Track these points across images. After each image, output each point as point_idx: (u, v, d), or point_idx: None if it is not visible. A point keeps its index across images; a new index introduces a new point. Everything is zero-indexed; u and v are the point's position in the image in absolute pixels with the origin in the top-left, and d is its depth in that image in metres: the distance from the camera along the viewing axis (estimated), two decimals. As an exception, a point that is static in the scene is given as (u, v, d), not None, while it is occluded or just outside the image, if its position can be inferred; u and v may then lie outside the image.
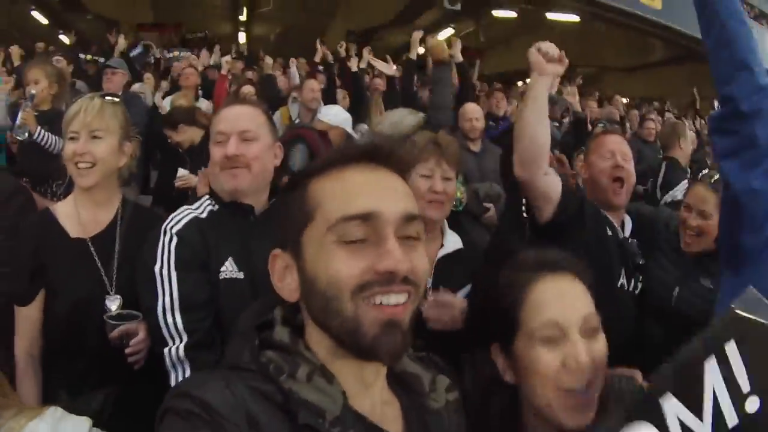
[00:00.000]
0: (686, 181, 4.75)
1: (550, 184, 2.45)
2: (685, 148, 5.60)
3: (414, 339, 1.12)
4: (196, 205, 2.14)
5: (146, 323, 2.05)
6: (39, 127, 4.16)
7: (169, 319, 1.94)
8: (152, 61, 10.98)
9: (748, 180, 1.87)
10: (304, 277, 1.05)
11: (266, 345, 1.07)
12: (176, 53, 12.71)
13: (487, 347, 1.42)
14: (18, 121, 4.14)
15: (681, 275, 2.77)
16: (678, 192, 4.58)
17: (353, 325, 0.99)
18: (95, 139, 2.21)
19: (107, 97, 2.37)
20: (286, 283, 1.09)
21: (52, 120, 4.18)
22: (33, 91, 4.28)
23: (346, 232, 1.00)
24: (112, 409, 2.09)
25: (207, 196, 2.16)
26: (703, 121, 10.40)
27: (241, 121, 2.09)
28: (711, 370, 0.98)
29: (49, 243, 2.19)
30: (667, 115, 11.55)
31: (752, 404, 0.95)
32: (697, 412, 0.97)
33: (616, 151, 2.83)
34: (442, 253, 2.35)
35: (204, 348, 1.93)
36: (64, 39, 11.99)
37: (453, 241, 2.40)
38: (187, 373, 1.92)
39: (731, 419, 0.95)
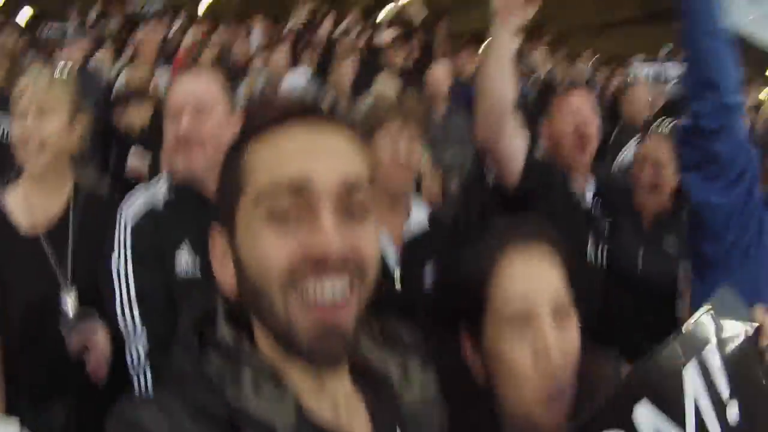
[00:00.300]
0: (635, 138, 4.40)
1: (515, 148, 2.27)
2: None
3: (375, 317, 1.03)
4: (153, 188, 2.02)
5: (104, 325, 1.97)
6: None
7: (126, 315, 1.87)
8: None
9: (708, 194, 1.97)
10: (237, 264, 0.90)
11: (207, 345, 0.93)
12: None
13: (454, 336, 1.27)
14: None
15: (643, 240, 2.78)
16: (628, 152, 4.36)
17: (285, 327, 0.85)
18: (42, 115, 2.05)
19: (56, 68, 2.23)
20: (223, 267, 0.93)
21: (3, 103, 4.02)
22: None
23: (274, 204, 0.85)
24: (77, 421, 2.01)
25: (164, 178, 2.04)
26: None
27: (194, 95, 1.96)
28: (691, 375, 0.95)
29: None
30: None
31: (732, 411, 0.94)
32: (678, 421, 0.94)
33: (579, 109, 2.74)
34: (410, 226, 2.22)
35: (166, 350, 1.86)
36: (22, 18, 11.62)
37: (419, 211, 2.29)
38: (149, 381, 1.85)
39: (714, 428, 0.93)
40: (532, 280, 1.19)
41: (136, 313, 1.88)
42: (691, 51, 1.97)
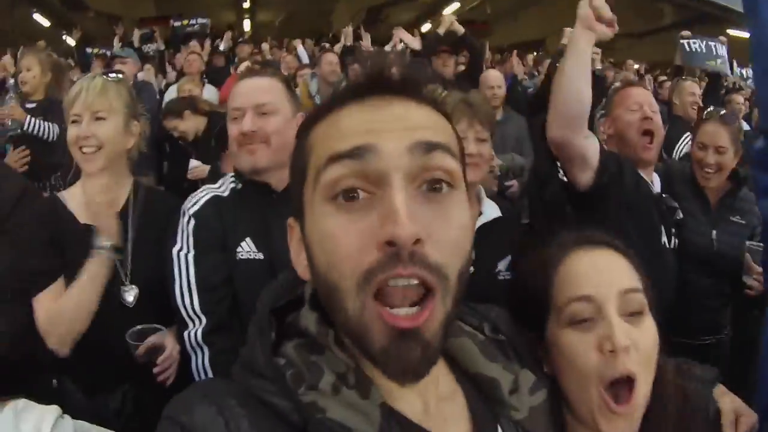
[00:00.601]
0: (688, 133, 4.50)
1: (589, 147, 2.23)
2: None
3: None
4: (219, 183, 2.05)
5: (173, 335, 1.95)
6: (28, 116, 4.06)
7: (187, 301, 1.87)
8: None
9: None
10: (308, 255, 0.80)
11: (289, 333, 0.84)
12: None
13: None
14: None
15: (712, 219, 2.87)
16: (684, 145, 4.43)
17: (359, 330, 0.73)
18: (99, 120, 2.06)
19: (110, 75, 2.22)
20: (300, 259, 0.83)
21: (47, 109, 4.13)
22: (11, 81, 4.21)
23: (334, 179, 0.73)
24: (132, 408, 1.98)
25: (231, 175, 2.06)
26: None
27: (257, 95, 1.98)
28: None
29: (60, 230, 2.03)
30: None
31: None
32: None
33: (643, 102, 2.67)
34: (480, 221, 2.17)
35: (222, 332, 1.86)
36: (69, 41, 11.93)
37: (491, 208, 2.24)
38: (206, 359, 1.85)
39: None
40: (599, 275, 1.11)
41: (195, 298, 1.88)
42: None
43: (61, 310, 1.94)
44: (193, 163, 4.31)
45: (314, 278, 0.79)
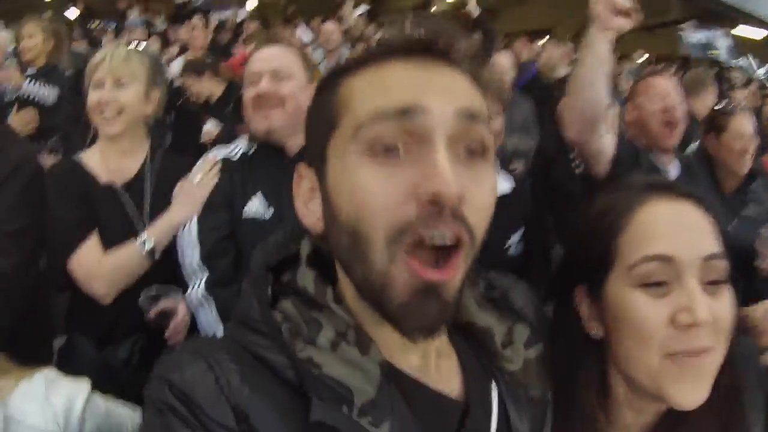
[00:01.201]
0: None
1: (605, 143, 2.26)
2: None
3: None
4: (231, 146, 2.08)
5: (185, 301, 1.97)
6: (27, 80, 4.08)
7: (188, 257, 1.91)
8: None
9: None
10: (326, 205, 0.78)
11: (286, 291, 0.82)
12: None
13: (570, 292, 1.06)
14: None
15: (729, 208, 2.93)
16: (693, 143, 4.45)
17: (380, 283, 0.72)
18: (121, 86, 2.13)
19: (133, 43, 2.31)
20: (310, 209, 0.82)
21: (46, 74, 4.14)
22: (10, 48, 4.22)
23: (378, 135, 0.72)
24: (139, 358, 2.00)
25: (243, 138, 2.11)
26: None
27: (273, 61, 2.05)
28: None
29: (81, 190, 2.08)
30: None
31: None
32: None
33: (666, 93, 2.72)
34: None
35: (227, 285, 1.87)
36: (70, 14, 11.85)
37: (503, 182, 2.27)
38: (213, 312, 1.87)
39: None
40: (683, 234, 0.96)
41: (197, 252, 1.91)
42: None
43: (104, 261, 1.99)
44: (207, 126, 4.29)
45: (333, 230, 0.77)
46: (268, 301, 0.80)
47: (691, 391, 0.93)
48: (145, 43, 2.32)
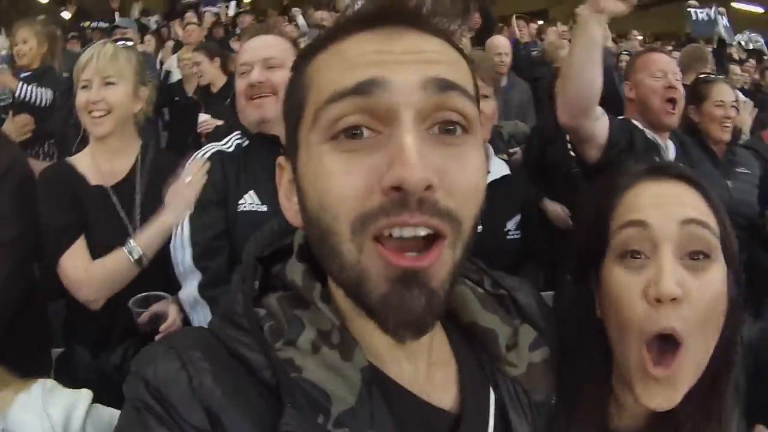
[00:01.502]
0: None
1: (599, 127, 2.22)
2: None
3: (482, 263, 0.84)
4: (225, 140, 2.05)
5: (177, 304, 1.94)
6: (20, 83, 4.03)
7: (180, 257, 1.88)
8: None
9: None
10: (300, 197, 0.73)
11: (275, 285, 0.77)
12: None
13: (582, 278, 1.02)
14: None
15: (725, 171, 3.04)
16: None
17: (355, 276, 0.66)
18: (109, 85, 2.09)
19: (119, 42, 2.27)
20: (291, 201, 0.76)
21: (42, 76, 4.11)
22: (3, 53, 4.20)
23: (337, 117, 0.65)
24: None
25: (238, 131, 2.07)
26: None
27: (265, 50, 2.02)
28: None
29: (71, 193, 2.04)
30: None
31: None
32: None
33: (668, 70, 2.68)
34: (488, 179, 2.16)
35: (220, 286, 1.82)
36: (65, 15, 11.83)
37: (499, 166, 2.24)
38: (208, 315, 1.83)
39: None
40: (661, 203, 0.92)
41: (188, 252, 1.88)
42: None
43: (91, 268, 1.96)
44: (203, 117, 4.23)
45: (306, 223, 0.72)
46: (254, 294, 0.75)
47: (659, 396, 0.88)
48: (132, 42, 2.25)
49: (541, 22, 8.00)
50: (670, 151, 2.69)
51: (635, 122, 2.57)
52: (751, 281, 3.04)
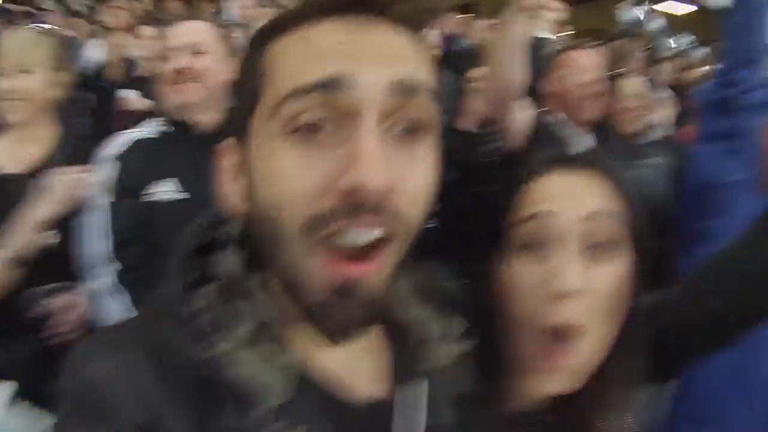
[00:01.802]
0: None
1: (521, 120, 2.32)
2: None
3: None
4: (144, 125, 2.03)
5: (79, 300, 1.88)
6: None
7: (89, 248, 1.85)
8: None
9: (724, 168, 1.96)
10: (249, 186, 0.70)
11: (212, 276, 0.73)
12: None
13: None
14: None
15: (637, 156, 3.01)
16: None
17: (298, 278, 0.66)
18: (24, 73, 2.04)
19: (37, 26, 2.19)
20: (233, 187, 0.73)
21: None
22: None
23: (297, 113, 0.63)
24: (41, 357, 1.86)
25: (160, 117, 2.04)
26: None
27: (190, 35, 2.00)
28: None
29: None
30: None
31: None
32: None
33: (587, 67, 2.76)
34: None
35: (137, 272, 1.81)
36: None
37: None
38: (124, 303, 1.80)
39: None
40: (565, 195, 0.92)
41: (103, 244, 1.85)
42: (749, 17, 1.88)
43: None
44: (125, 92, 4.02)
45: (252, 213, 0.70)
46: (191, 286, 0.72)
47: (557, 384, 0.89)
48: (52, 25, 2.18)
49: (468, 15, 8.07)
50: (589, 143, 2.76)
51: (551, 116, 2.68)
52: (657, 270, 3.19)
